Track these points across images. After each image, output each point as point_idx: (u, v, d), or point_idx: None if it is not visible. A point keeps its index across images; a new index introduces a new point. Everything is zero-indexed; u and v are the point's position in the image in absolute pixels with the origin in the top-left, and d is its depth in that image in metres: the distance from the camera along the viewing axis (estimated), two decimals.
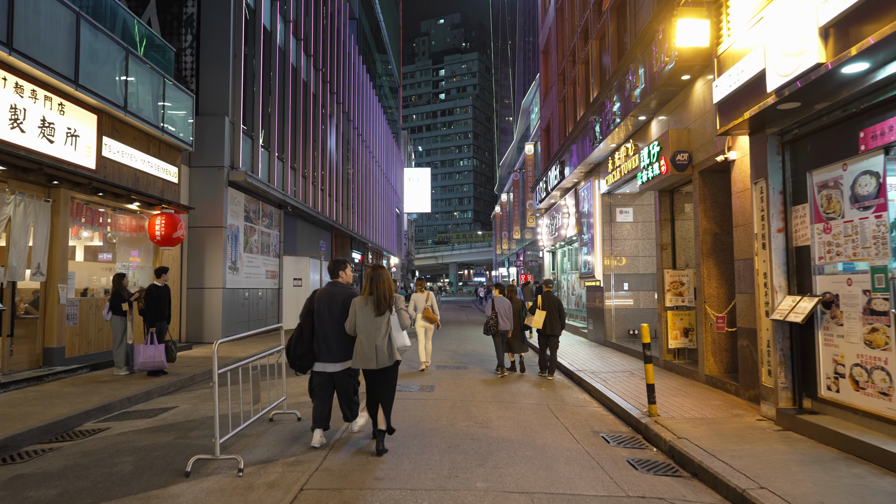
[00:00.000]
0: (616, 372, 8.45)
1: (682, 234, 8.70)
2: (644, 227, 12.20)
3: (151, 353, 7.81)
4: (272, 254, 16.36)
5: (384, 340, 4.52)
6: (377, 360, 4.49)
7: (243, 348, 11.31)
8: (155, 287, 7.99)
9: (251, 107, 14.69)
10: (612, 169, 11.27)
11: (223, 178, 12.77)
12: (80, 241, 10.26)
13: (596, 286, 12.63)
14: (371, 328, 4.52)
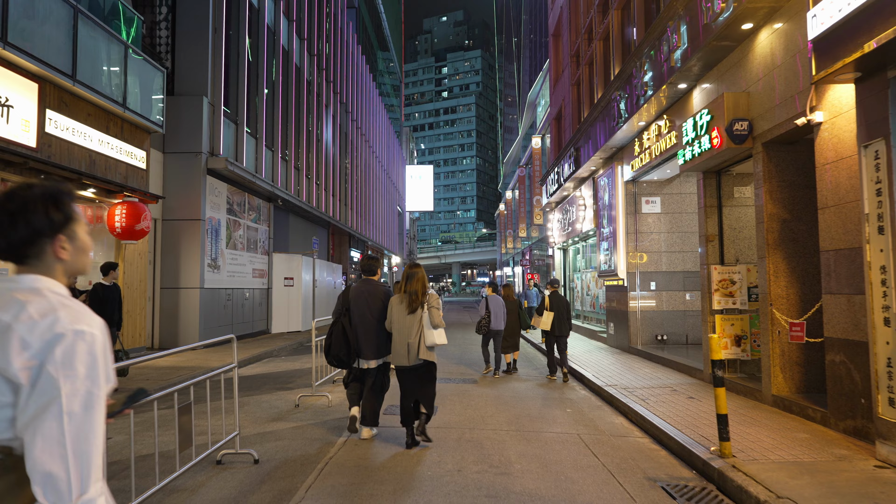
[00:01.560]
0: (653, 388, 7.07)
1: (732, 222, 7.32)
2: (673, 219, 10.81)
3: None
4: (260, 251, 15.03)
5: (416, 338, 4.56)
6: (409, 357, 4.58)
7: (219, 356, 9.97)
8: (101, 286, 6.66)
9: (235, 89, 13.36)
10: (638, 152, 9.88)
11: (201, 165, 11.44)
12: None
13: (618, 285, 11.25)
14: (404, 326, 4.60)
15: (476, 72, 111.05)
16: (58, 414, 1.04)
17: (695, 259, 10.71)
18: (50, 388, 1.05)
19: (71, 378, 1.06)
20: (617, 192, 10.98)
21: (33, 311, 1.09)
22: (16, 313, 1.09)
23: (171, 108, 11.39)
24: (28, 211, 1.16)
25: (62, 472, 1.02)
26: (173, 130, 11.40)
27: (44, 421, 1.03)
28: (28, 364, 1.06)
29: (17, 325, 1.08)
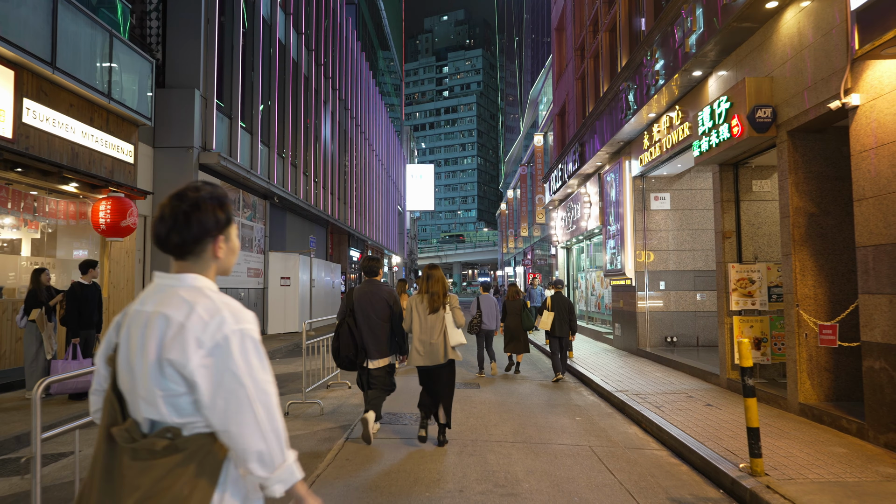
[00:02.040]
0: (667, 393, 6.64)
1: (750, 218, 6.89)
2: (683, 216, 10.38)
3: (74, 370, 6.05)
4: (256, 249, 14.62)
5: (439, 338, 4.61)
6: (431, 357, 4.60)
7: None
8: (79, 286, 6.24)
9: (229, 82, 12.95)
10: (647, 146, 9.46)
11: (192, 160, 11.03)
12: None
13: (625, 285, 10.82)
14: (426, 326, 4.65)
15: (477, 71, 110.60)
16: (248, 404, 1.19)
17: (706, 258, 10.28)
18: (236, 385, 1.18)
19: (250, 373, 1.20)
20: (624, 188, 10.56)
21: (202, 312, 1.21)
22: (187, 313, 1.20)
23: (162, 100, 10.98)
24: (200, 210, 1.27)
25: (266, 448, 1.20)
26: (164, 124, 10.99)
27: (239, 411, 1.18)
28: (204, 362, 1.18)
29: (189, 325, 1.19)
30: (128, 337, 1.24)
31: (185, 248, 1.27)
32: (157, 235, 1.28)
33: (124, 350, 1.25)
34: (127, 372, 1.23)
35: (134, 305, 1.28)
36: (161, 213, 1.28)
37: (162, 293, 1.25)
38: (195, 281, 1.28)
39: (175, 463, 1.17)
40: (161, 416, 1.19)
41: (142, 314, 1.24)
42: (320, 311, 17.91)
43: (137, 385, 1.21)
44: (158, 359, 1.19)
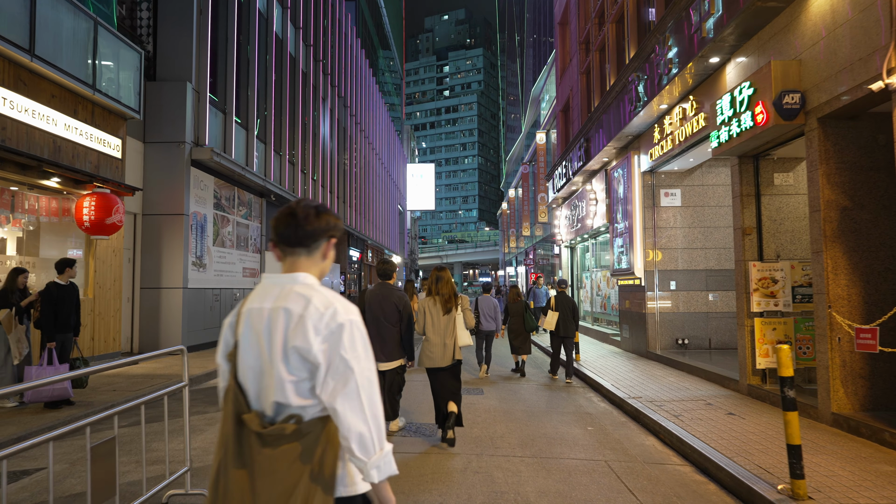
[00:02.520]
0: (684, 400, 6.23)
1: (771, 214, 6.47)
2: (695, 213, 9.96)
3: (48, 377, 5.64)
4: (252, 248, 14.22)
5: (452, 339, 4.73)
6: (444, 358, 4.70)
7: (202, 362, 9.14)
8: (55, 286, 5.83)
9: (223, 76, 12.55)
10: (658, 139, 9.04)
11: (184, 155, 10.63)
12: None
13: (634, 285, 10.40)
14: (440, 327, 4.75)
15: (478, 70, 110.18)
16: (355, 388, 1.33)
17: (718, 256, 9.86)
18: (345, 368, 1.34)
19: (357, 358, 1.36)
20: (633, 184, 10.14)
21: (318, 304, 1.38)
22: (304, 306, 1.37)
23: (153, 94, 10.59)
24: (323, 212, 1.51)
25: (367, 432, 1.33)
26: (155, 118, 10.60)
27: (347, 394, 1.32)
28: (321, 347, 1.34)
29: (307, 315, 1.36)
30: (250, 332, 1.41)
31: (306, 239, 1.45)
32: (286, 227, 1.45)
33: (247, 344, 1.41)
34: (252, 363, 1.39)
35: (249, 304, 1.45)
36: (290, 211, 1.46)
37: (279, 290, 1.42)
38: (306, 279, 1.45)
39: (308, 442, 1.32)
40: (287, 400, 1.34)
41: (262, 311, 1.40)
42: None
43: (265, 373, 1.38)
44: (284, 347, 1.35)
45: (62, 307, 5.78)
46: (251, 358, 1.39)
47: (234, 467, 1.32)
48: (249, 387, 1.39)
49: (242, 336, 1.42)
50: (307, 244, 1.47)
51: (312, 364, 1.34)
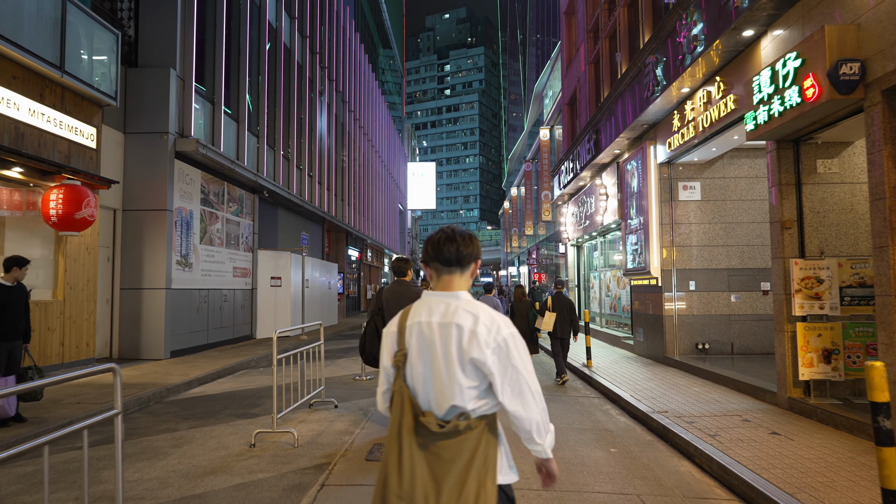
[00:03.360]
0: (716, 416, 5.51)
1: (814, 205, 5.75)
2: (715, 208, 9.24)
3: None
4: (243, 247, 13.52)
5: None
6: None
7: (183, 369, 8.44)
8: (2, 288, 5.12)
9: (211, 64, 11.86)
10: (678, 127, 8.33)
11: (167, 147, 9.93)
12: None
13: (650, 285, 9.69)
14: None
15: (479, 69, 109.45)
16: (527, 388, 1.62)
17: (741, 254, 9.15)
18: (516, 374, 1.61)
19: (523, 363, 1.62)
20: (649, 176, 9.42)
21: (485, 321, 1.61)
22: (474, 322, 1.61)
23: (134, 81, 9.90)
24: (475, 237, 1.74)
25: (540, 419, 1.65)
26: (136, 107, 9.91)
27: (522, 394, 1.61)
28: (493, 358, 1.58)
29: (478, 331, 1.60)
30: (421, 343, 1.65)
31: (463, 261, 1.71)
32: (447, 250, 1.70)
33: (417, 354, 1.65)
34: (423, 370, 1.64)
35: (414, 318, 1.68)
36: (450, 236, 1.71)
37: (444, 307, 1.67)
38: (464, 296, 1.71)
39: (475, 436, 1.58)
40: (463, 403, 1.59)
41: (431, 325, 1.65)
42: (314, 314, 16.80)
43: (436, 379, 1.62)
44: (461, 358, 1.59)
45: (7, 312, 5.08)
46: (421, 366, 1.63)
47: (412, 453, 1.54)
48: (419, 389, 1.63)
49: (412, 347, 1.65)
50: (463, 264, 1.71)
51: (485, 373, 1.60)
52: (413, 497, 1.51)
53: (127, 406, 6.25)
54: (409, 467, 1.53)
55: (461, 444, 1.54)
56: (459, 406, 1.58)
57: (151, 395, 6.80)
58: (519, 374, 1.60)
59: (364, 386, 7.69)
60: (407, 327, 1.67)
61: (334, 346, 13.35)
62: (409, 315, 1.69)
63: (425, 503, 1.51)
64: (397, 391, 1.62)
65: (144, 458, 4.41)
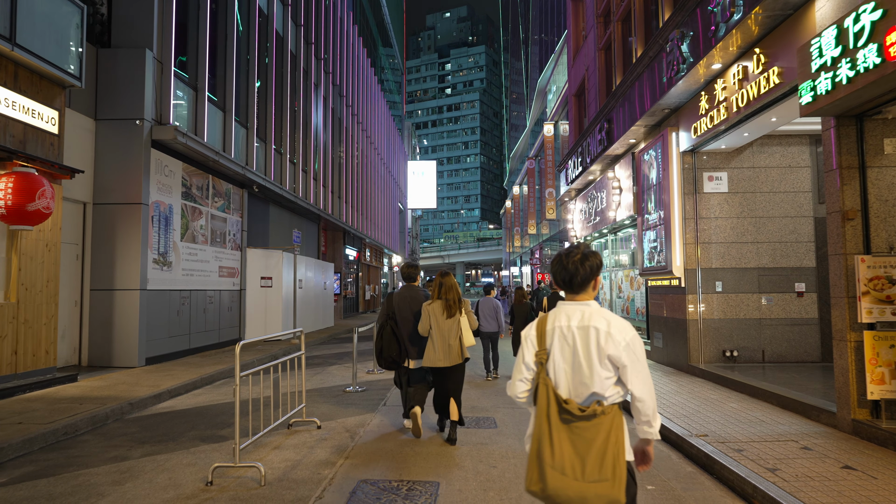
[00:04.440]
0: (767, 441, 4.65)
1: (881, 192, 4.89)
2: (744, 201, 8.38)
3: None
4: (230, 245, 12.67)
5: (456, 340, 4.93)
6: (449, 358, 4.88)
7: (155, 379, 7.58)
8: None
9: (194, 48, 11.01)
10: (706, 109, 7.47)
11: (143, 134, 9.09)
12: None
13: (671, 286, 8.83)
14: (444, 329, 4.92)
15: (480, 68, 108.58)
16: (647, 379, 1.97)
17: (773, 252, 8.29)
18: (641, 367, 1.96)
19: (643, 360, 1.97)
20: (670, 166, 8.56)
21: (616, 323, 1.98)
22: (607, 325, 1.97)
23: (107, 63, 9.07)
24: (588, 259, 2.05)
25: (654, 405, 1.98)
26: (109, 91, 9.07)
27: (645, 384, 1.96)
28: (624, 353, 1.94)
29: (612, 332, 1.95)
30: (563, 343, 2.01)
31: (583, 284, 2.05)
32: (562, 279, 2.06)
33: (559, 352, 2.01)
34: (564, 366, 2.00)
35: (554, 323, 2.04)
36: (561, 264, 2.07)
37: (580, 314, 2.01)
38: (594, 304, 2.05)
39: (609, 420, 1.87)
40: (601, 390, 1.94)
41: (570, 328, 2.01)
42: (309, 316, 15.95)
43: (576, 372, 1.98)
44: (599, 354, 1.95)
45: None
46: (562, 361, 2.01)
47: (559, 433, 1.88)
48: (561, 381, 2.00)
49: (554, 346, 2.02)
50: (580, 290, 2.07)
51: (618, 365, 1.96)
52: (563, 467, 1.84)
53: (76, 427, 5.39)
54: (558, 443, 1.86)
55: (598, 426, 1.86)
56: (598, 393, 1.94)
57: (111, 412, 5.95)
58: (643, 366, 1.96)
59: (354, 400, 6.82)
60: (547, 331, 2.03)
61: (327, 350, 12.50)
62: (547, 321, 2.05)
63: (572, 472, 1.83)
64: (542, 383, 1.95)
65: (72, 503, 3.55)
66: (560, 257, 2.07)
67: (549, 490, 1.84)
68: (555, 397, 1.90)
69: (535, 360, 2.02)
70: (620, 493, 1.83)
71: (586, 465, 1.83)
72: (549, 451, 1.85)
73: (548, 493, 1.85)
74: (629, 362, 1.93)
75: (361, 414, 6.01)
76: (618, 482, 1.83)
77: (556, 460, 1.84)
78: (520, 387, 2.08)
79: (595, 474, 1.82)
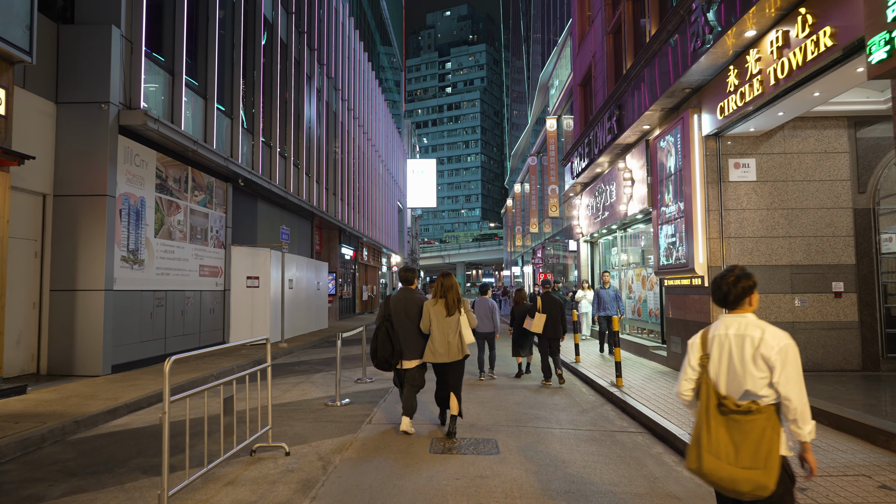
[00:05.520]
0: (831, 475, 3.78)
1: None
2: (775, 190, 7.52)
3: None
4: (213, 242, 11.82)
5: (455, 338, 5.14)
6: (449, 354, 5.10)
7: (116, 390, 6.72)
8: None
9: (171, 29, 10.17)
10: (735, 86, 6.61)
11: (108, 120, 8.25)
12: None
13: (691, 286, 7.96)
14: (444, 327, 5.14)
15: (480, 67, 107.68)
16: (795, 380, 2.16)
17: (807, 247, 7.43)
18: (790, 368, 2.16)
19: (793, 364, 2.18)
20: (692, 152, 7.70)
21: (769, 332, 2.23)
22: (761, 333, 2.23)
23: (70, 41, 8.24)
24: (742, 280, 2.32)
25: (803, 408, 2.16)
26: (71, 72, 8.24)
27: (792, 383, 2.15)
28: (777, 357, 2.17)
29: (766, 338, 2.21)
30: (721, 349, 2.30)
31: (737, 301, 2.32)
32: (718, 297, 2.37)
33: (718, 356, 2.30)
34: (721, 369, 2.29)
35: (714, 332, 2.35)
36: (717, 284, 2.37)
37: (737, 325, 2.29)
38: (751, 316, 2.31)
39: (764, 418, 2.14)
40: (755, 389, 2.19)
41: (728, 336, 2.29)
42: (301, 318, 15.11)
43: (735, 373, 2.25)
44: (754, 357, 2.20)
45: None
46: (720, 364, 2.29)
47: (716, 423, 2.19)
48: (720, 381, 2.27)
49: (713, 351, 2.32)
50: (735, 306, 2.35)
51: (770, 367, 2.18)
52: (718, 452, 2.16)
53: (2, 452, 4.54)
54: (715, 432, 2.19)
55: (754, 422, 2.15)
56: (752, 392, 2.20)
57: (49, 433, 5.10)
58: (793, 369, 2.17)
59: (335, 416, 5.96)
60: (708, 339, 2.36)
61: (316, 355, 11.65)
62: (709, 330, 2.38)
63: (726, 457, 2.15)
64: (703, 382, 2.30)
65: None
66: (716, 279, 2.37)
67: (704, 470, 2.18)
68: (714, 394, 2.24)
69: (699, 363, 2.35)
70: (770, 481, 2.09)
71: (740, 452, 2.13)
72: (707, 437, 2.19)
73: (703, 472, 2.19)
74: (779, 364, 2.16)
75: (341, 435, 5.15)
76: (769, 472, 2.09)
77: (711, 445, 2.17)
78: (685, 385, 2.41)
79: (748, 462, 2.11)
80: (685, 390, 2.40)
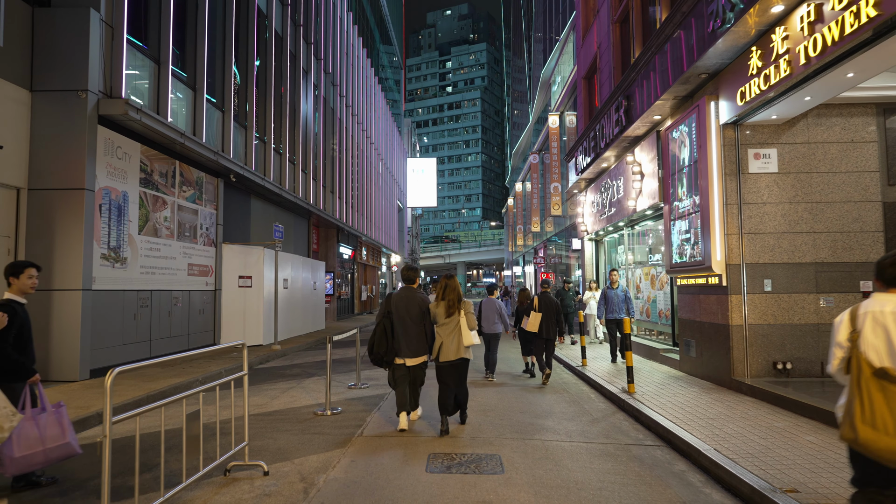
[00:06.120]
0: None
1: None
2: (798, 182, 7.02)
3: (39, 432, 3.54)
4: (202, 240, 11.33)
5: (450, 338, 5.26)
6: (448, 354, 5.23)
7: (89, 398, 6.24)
8: (16, 305, 3.06)
9: (157, 16, 9.67)
10: (757, 68, 6.10)
11: (86, 109, 7.76)
12: None
13: (707, 285, 7.46)
14: (444, 328, 5.29)
15: (481, 66, 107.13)
16: None
17: (832, 244, 6.93)
18: None
19: None
20: (708, 142, 7.20)
21: None
22: None
23: (45, 25, 7.76)
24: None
25: None
26: (46, 58, 7.75)
27: None
28: None
29: None
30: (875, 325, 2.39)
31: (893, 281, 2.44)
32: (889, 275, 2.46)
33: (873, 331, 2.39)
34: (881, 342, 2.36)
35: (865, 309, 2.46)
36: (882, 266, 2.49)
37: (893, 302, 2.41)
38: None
39: None
40: None
41: (885, 313, 2.38)
42: (296, 318, 14.61)
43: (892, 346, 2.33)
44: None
45: (25, 334, 3.97)
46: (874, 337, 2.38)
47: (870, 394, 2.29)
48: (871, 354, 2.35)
49: (866, 327, 2.41)
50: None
51: None
52: (874, 422, 2.20)
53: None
54: (869, 402, 2.25)
55: None
56: None
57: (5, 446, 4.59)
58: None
59: (323, 428, 5.46)
60: (859, 315, 2.45)
61: (310, 357, 11.15)
62: (859, 307, 2.47)
63: (884, 428, 2.18)
64: (854, 356, 2.39)
65: None
66: (880, 262, 2.49)
67: (861, 440, 2.27)
68: (866, 366, 2.33)
69: (847, 338, 2.47)
70: None
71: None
72: (860, 408, 2.28)
73: (859, 442, 2.28)
74: None
75: (327, 451, 4.65)
76: None
77: (866, 416, 2.25)
78: (835, 361, 2.52)
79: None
80: (835, 365, 2.52)
